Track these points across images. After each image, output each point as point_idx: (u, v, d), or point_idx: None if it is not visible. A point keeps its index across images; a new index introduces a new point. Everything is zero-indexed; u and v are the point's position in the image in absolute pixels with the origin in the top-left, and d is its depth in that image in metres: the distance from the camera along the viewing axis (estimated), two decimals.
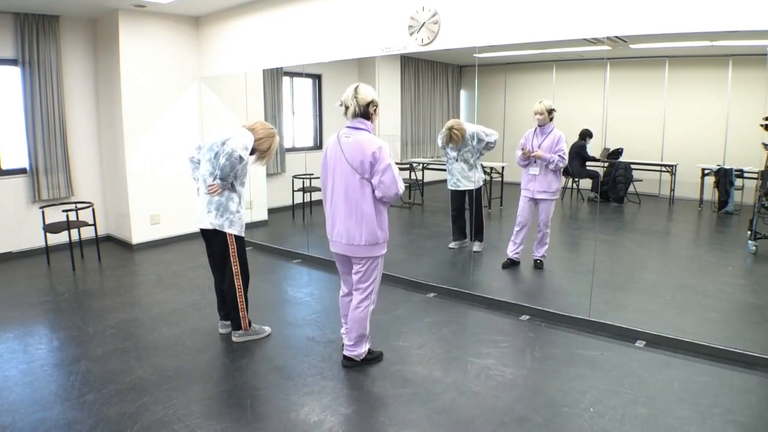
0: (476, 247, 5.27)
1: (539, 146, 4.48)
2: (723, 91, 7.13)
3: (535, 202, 4.65)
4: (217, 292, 3.45)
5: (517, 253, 4.78)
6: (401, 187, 2.69)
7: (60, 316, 3.82)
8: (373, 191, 2.70)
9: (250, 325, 3.37)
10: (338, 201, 2.75)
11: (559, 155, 4.41)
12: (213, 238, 3.23)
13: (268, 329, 3.48)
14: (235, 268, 3.24)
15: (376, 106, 2.76)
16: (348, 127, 2.74)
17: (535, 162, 4.54)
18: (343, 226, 2.75)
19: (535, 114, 4.49)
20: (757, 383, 2.82)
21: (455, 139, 4.91)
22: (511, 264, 4.80)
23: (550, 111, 4.48)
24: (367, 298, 2.90)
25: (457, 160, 5.10)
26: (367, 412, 2.57)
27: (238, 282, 3.25)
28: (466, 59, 7.66)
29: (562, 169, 4.55)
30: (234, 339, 3.34)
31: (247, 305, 3.32)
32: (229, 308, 3.34)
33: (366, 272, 2.86)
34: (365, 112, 2.72)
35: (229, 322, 3.40)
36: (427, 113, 8.03)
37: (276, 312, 3.91)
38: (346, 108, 2.72)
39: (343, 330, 3.10)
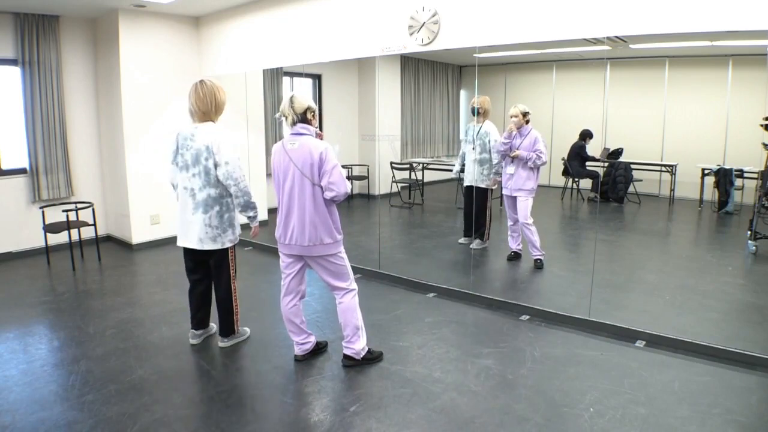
0: (473, 244, 5.30)
1: (518, 147, 4.74)
2: (723, 91, 7.13)
3: (514, 198, 4.85)
4: (193, 299, 3.28)
5: (518, 245, 5.04)
6: (348, 186, 2.78)
7: (60, 316, 3.82)
8: (323, 193, 2.76)
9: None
10: (291, 206, 2.80)
11: (536, 154, 4.67)
12: (210, 252, 3.11)
13: (248, 330, 3.45)
14: (233, 272, 3.19)
15: (314, 111, 2.86)
16: (291, 134, 2.82)
17: (512, 161, 4.79)
18: (299, 230, 2.80)
19: (511, 117, 4.76)
20: (757, 383, 2.81)
21: (473, 107, 5.08)
22: (515, 256, 5.05)
23: (525, 114, 4.75)
24: (349, 291, 2.95)
25: (474, 148, 5.14)
26: (367, 412, 2.57)
27: (234, 286, 3.21)
28: (466, 59, 7.66)
29: (539, 167, 4.76)
30: (221, 345, 3.26)
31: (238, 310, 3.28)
32: (208, 311, 3.28)
33: (335, 270, 2.90)
34: (304, 118, 2.81)
35: (201, 332, 3.33)
36: (427, 113, 8.03)
37: (276, 312, 3.90)
38: (285, 117, 2.81)
39: (289, 331, 3.10)
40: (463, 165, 5.37)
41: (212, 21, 5.79)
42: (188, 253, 3.19)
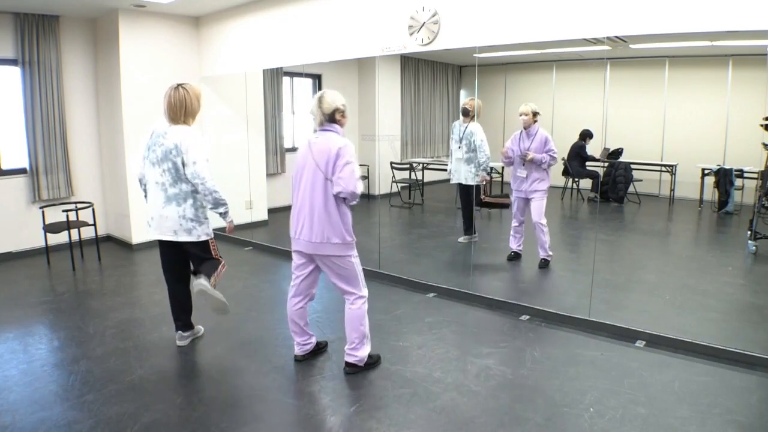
0: (461, 238, 5.43)
1: (528, 149, 4.67)
2: (723, 91, 7.14)
3: (526, 200, 4.81)
4: (174, 302, 3.29)
5: (519, 246, 5.01)
6: (359, 187, 2.69)
7: (60, 316, 3.82)
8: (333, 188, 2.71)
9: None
10: (304, 200, 2.78)
11: (550, 155, 4.63)
12: (186, 246, 3.09)
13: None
14: (219, 257, 3.17)
15: (343, 112, 2.79)
16: (318, 130, 2.80)
17: (522, 164, 4.72)
18: (308, 225, 2.76)
19: (521, 114, 4.68)
20: (757, 383, 2.82)
21: (464, 108, 5.22)
22: (515, 257, 5.02)
23: (535, 113, 4.69)
24: (360, 298, 2.87)
25: (459, 148, 5.25)
26: (367, 412, 2.57)
27: (221, 261, 3.17)
28: (466, 59, 7.67)
29: (551, 167, 4.74)
30: (198, 284, 3.08)
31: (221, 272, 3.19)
32: (190, 312, 3.29)
33: (343, 273, 2.83)
34: (332, 119, 2.77)
35: (188, 334, 3.32)
36: (427, 113, 8.03)
37: (276, 312, 3.91)
38: (314, 117, 2.78)
39: (292, 331, 3.08)
40: None
41: (212, 21, 5.79)
42: (164, 249, 3.19)
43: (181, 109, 3.01)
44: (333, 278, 2.87)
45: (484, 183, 5.28)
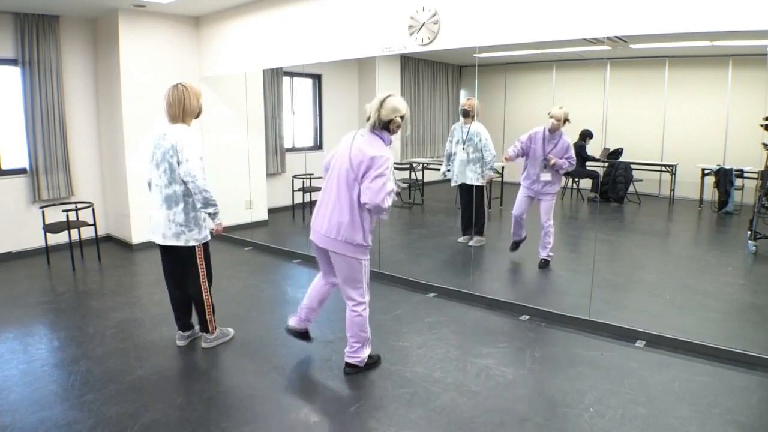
0: (472, 241, 5.41)
1: (549, 152, 4.65)
2: (723, 91, 7.13)
3: (531, 198, 4.84)
4: (173, 304, 3.30)
5: (518, 235, 5.02)
6: (387, 202, 2.60)
7: (60, 316, 3.82)
8: (359, 196, 2.65)
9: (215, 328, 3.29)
10: (330, 193, 2.74)
11: (569, 162, 4.66)
12: (177, 250, 3.09)
13: (231, 331, 3.41)
14: (202, 271, 3.13)
15: (399, 123, 2.72)
16: (368, 131, 2.74)
17: (544, 168, 4.70)
18: (326, 218, 2.72)
19: (553, 117, 4.56)
20: (757, 383, 2.82)
21: (464, 109, 5.23)
22: (516, 246, 5.07)
23: (566, 120, 4.63)
24: (361, 303, 2.83)
25: (463, 149, 5.24)
26: (367, 412, 2.57)
27: (204, 285, 3.15)
28: (466, 59, 7.67)
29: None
30: (204, 345, 3.24)
31: (213, 309, 3.23)
32: (190, 313, 3.24)
33: (350, 273, 2.78)
34: (385, 127, 2.72)
35: (188, 334, 3.32)
36: (427, 113, 8.03)
37: (276, 312, 3.91)
38: (368, 118, 2.71)
39: (303, 304, 3.06)
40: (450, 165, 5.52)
41: (212, 21, 5.79)
42: (162, 251, 3.19)
43: (179, 106, 3.00)
44: (340, 276, 2.82)
45: (488, 182, 5.30)
